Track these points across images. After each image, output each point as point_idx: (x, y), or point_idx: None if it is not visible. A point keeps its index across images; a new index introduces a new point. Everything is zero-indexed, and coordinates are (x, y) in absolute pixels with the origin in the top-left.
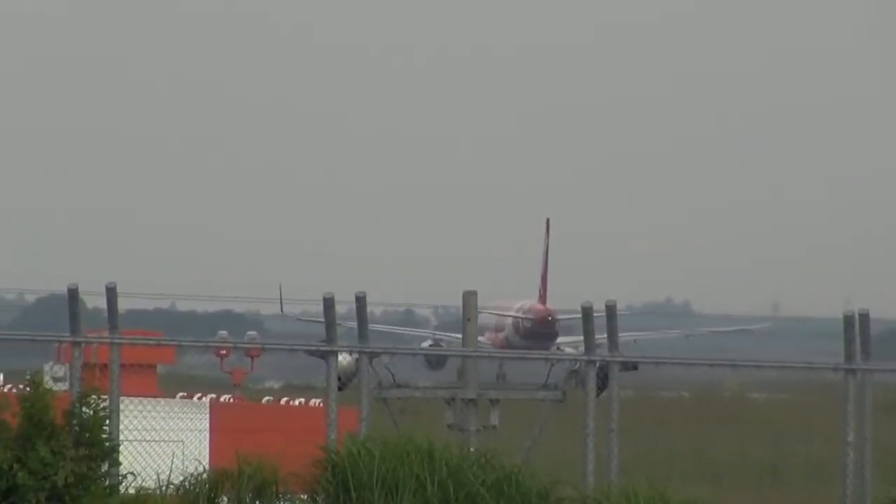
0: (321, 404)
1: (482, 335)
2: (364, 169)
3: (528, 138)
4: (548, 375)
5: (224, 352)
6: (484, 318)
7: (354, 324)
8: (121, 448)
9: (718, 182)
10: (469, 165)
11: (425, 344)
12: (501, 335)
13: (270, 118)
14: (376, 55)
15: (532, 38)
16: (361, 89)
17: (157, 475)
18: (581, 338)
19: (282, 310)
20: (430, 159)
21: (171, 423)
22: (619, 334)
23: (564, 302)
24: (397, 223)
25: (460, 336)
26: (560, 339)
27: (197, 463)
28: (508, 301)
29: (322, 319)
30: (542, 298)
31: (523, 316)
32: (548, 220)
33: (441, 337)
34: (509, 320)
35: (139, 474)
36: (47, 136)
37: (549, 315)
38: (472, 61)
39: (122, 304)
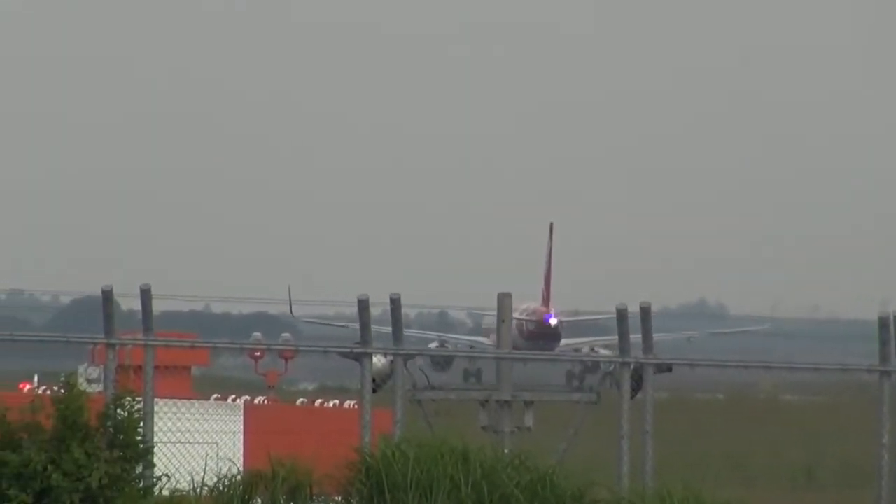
0: (355, 406)
1: (487, 337)
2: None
3: (553, 138)
4: (583, 377)
5: (258, 354)
6: (488, 321)
7: (356, 327)
8: (155, 450)
9: (749, 181)
10: (504, 166)
11: (432, 345)
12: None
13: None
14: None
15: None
16: (372, 89)
17: (192, 477)
18: (584, 339)
19: (291, 311)
20: (466, 159)
21: (205, 425)
22: (633, 335)
23: (597, 304)
24: (432, 226)
25: (465, 338)
26: (564, 341)
27: (231, 464)
28: (513, 303)
29: (330, 322)
30: (546, 301)
31: (527, 318)
32: (551, 225)
33: (447, 339)
34: (513, 322)
35: (173, 476)
36: (77, 136)
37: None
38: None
39: (157, 306)
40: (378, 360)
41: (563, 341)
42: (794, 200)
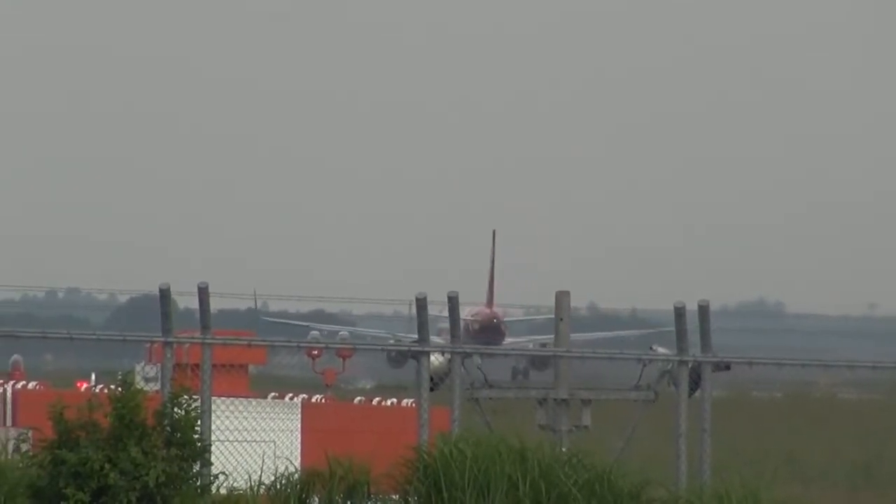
0: (413, 405)
1: (440, 336)
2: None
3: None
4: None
5: (316, 352)
6: (441, 323)
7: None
8: (212, 448)
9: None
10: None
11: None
12: None
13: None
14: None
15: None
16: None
17: (249, 475)
18: (527, 338)
19: (256, 305)
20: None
21: (262, 424)
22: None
23: (653, 302)
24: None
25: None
26: (508, 340)
27: (288, 463)
28: (462, 308)
29: (291, 322)
30: (489, 303)
31: (472, 319)
32: (494, 232)
33: (401, 336)
34: (461, 323)
35: (230, 474)
36: (138, 134)
37: (494, 318)
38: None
39: (214, 305)
40: (436, 359)
41: (508, 340)
42: (851, 194)
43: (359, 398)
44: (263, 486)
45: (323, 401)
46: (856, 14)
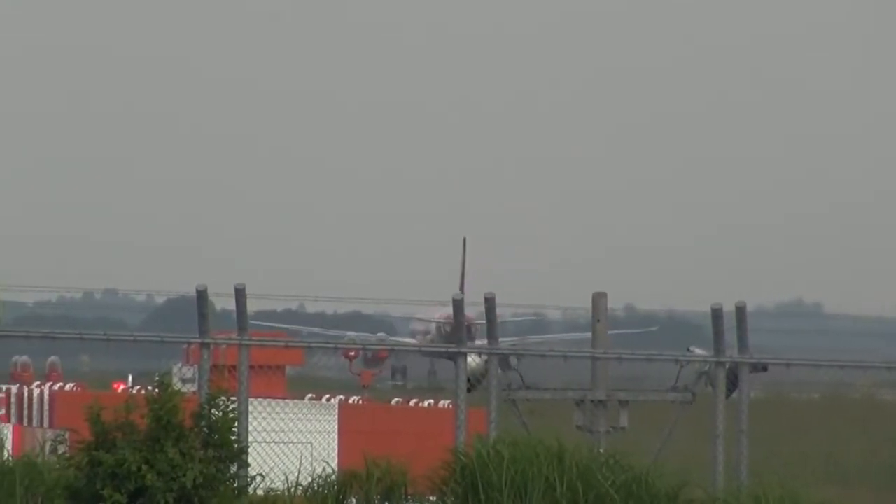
0: (449, 406)
1: (415, 338)
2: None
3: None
4: (678, 377)
5: (353, 353)
6: (414, 325)
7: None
8: (249, 449)
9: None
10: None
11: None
12: (428, 338)
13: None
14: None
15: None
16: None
17: (286, 476)
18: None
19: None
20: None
21: (299, 425)
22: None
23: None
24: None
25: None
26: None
27: (325, 464)
28: (433, 310)
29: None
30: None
31: (444, 322)
32: (464, 239)
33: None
34: (433, 325)
35: (267, 476)
36: (184, 141)
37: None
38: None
39: (251, 306)
40: (472, 360)
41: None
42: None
43: (396, 399)
44: (300, 488)
45: (360, 402)
46: (856, 14)
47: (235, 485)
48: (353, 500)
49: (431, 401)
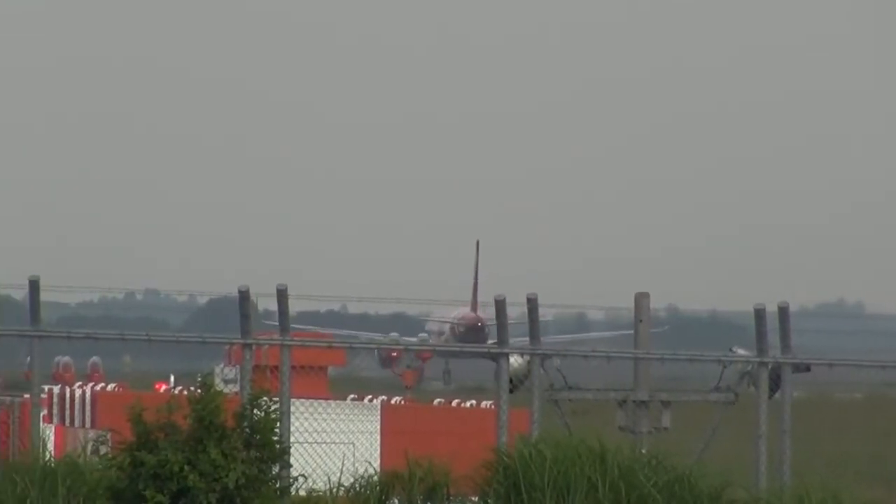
0: (492, 406)
1: (430, 339)
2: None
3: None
4: (720, 377)
5: (395, 354)
6: (429, 325)
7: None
8: (291, 450)
9: None
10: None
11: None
12: (443, 338)
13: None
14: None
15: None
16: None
17: (328, 477)
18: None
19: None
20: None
21: (341, 425)
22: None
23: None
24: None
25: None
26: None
27: (367, 465)
28: (449, 311)
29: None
30: (474, 307)
31: (458, 322)
32: (477, 242)
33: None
34: (447, 326)
35: (310, 476)
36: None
37: (478, 321)
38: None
39: (294, 307)
40: (515, 360)
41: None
42: None
43: (438, 400)
44: (343, 488)
45: (402, 402)
46: (876, 17)
47: (277, 485)
48: (396, 501)
49: (474, 401)
